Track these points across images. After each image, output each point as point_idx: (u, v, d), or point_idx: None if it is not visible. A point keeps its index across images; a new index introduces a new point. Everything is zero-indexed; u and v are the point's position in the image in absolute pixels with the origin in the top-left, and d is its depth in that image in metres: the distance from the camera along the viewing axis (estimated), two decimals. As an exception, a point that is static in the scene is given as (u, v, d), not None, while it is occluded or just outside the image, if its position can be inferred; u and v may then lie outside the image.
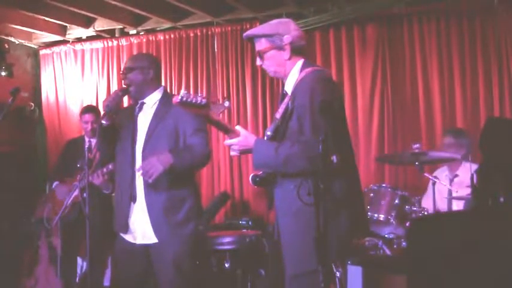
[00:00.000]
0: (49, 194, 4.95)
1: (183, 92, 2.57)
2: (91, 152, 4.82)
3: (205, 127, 3.58)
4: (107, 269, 5.21)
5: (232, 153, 2.82)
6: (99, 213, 3.98)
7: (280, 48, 2.85)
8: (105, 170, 4.45)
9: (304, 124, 2.68)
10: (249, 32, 2.97)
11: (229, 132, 2.76)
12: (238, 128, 2.78)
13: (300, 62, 2.88)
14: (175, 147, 3.46)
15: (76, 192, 4.66)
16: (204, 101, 2.60)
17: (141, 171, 3.34)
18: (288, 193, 2.73)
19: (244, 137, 2.75)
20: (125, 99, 6.03)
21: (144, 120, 3.53)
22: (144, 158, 3.43)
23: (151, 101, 3.55)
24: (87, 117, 4.98)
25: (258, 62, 2.94)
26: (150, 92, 3.55)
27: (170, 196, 3.43)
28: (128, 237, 3.53)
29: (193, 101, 2.58)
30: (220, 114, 2.76)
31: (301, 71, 2.84)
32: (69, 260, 4.89)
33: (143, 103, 3.56)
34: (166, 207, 3.42)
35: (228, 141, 2.77)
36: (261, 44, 2.89)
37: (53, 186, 4.91)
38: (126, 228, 3.50)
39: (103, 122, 3.48)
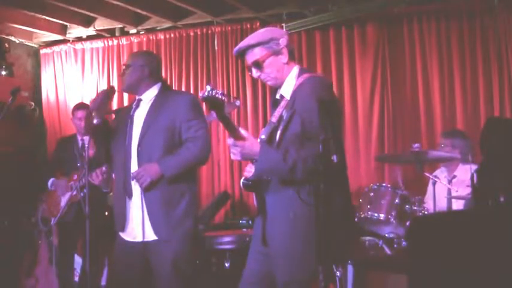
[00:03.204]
0: (45, 195, 4.94)
1: (209, 87, 2.46)
2: (85, 151, 4.86)
3: (202, 118, 3.54)
4: (104, 268, 5.21)
5: (234, 157, 2.73)
6: (97, 212, 3.98)
7: (278, 52, 2.83)
8: (104, 168, 4.43)
9: (313, 127, 2.65)
10: (242, 44, 2.89)
11: (235, 133, 2.65)
12: (243, 131, 2.68)
13: (295, 68, 2.88)
14: (170, 146, 3.43)
15: (73, 192, 4.67)
16: (223, 98, 2.49)
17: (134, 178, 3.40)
18: (285, 199, 2.72)
19: (250, 142, 2.66)
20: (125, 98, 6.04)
21: (140, 116, 3.53)
22: (139, 155, 3.43)
23: (148, 97, 3.56)
24: (80, 113, 4.95)
25: (255, 73, 2.87)
26: (146, 88, 3.55)
27: (168, 191, 3.42)
28: (126, 236, 3.52)
29: (216, 95, 2.48)
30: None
31: (298, 76, 2.84)
32: (66, 259, 4.89)
33: (140, 100, 3.57)
34: (164, 203, 3.40)
35: (235, 143, 2.65)
36: (255, 54, 2.84)
37: (49, 185, 4.91)
38: (124, 226, 3.49)
39: (94, 121, 3.50)
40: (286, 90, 2.84)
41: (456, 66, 5.50)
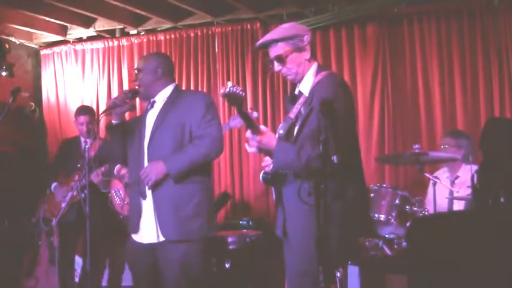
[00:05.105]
0: (47, 195, 4.95)
1: (230, 83, 2.55)
2: (86, 152, 4.87)
3: (214, 115, 3.52)
4: (105, 269, 5.21)
5: (250, 149, 2.83)
6: (98, 213, 3.98)
7: (302, 49, 2.89)
8: (103, 169, 4.46)
9: None
10: (266, 38, 2.94)
11: (254, 128, 2.77)
12: (263, 127, 2.80)
13: (314, 66, 2.93)
14: (180, 144, 3.42)
15: (74, 193, 4.67)
16: (242, 93, 2.59)
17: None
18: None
19: (268, 136, 2.77)
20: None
21: (152, 116, 3.53)
22: (149, 154, 3.44)
23: (161, 98, 3.55)
24: (82, 118, 4.97)
25: (277, 67, 2.92)
26: (161, 89, 3.55)
27: (175, 191, 3.39)
28: (137, 238, 3.50)
29: (237, 91, 2.56)
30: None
31: (316, 73, 2.89)
32: (67, 260, 4.90)
33: (154, 101, 3.56)
34: (172, 203, 3.37)
35: (253, 136, 2.77)
36: (279, 49, 2.89)
37: (52, 188, 4.92)
38: (137, 228, 3.47)
39: (113, 121, 3.53)
40: (305, 87, 2.90)
41: (456, 66, 5.49)
